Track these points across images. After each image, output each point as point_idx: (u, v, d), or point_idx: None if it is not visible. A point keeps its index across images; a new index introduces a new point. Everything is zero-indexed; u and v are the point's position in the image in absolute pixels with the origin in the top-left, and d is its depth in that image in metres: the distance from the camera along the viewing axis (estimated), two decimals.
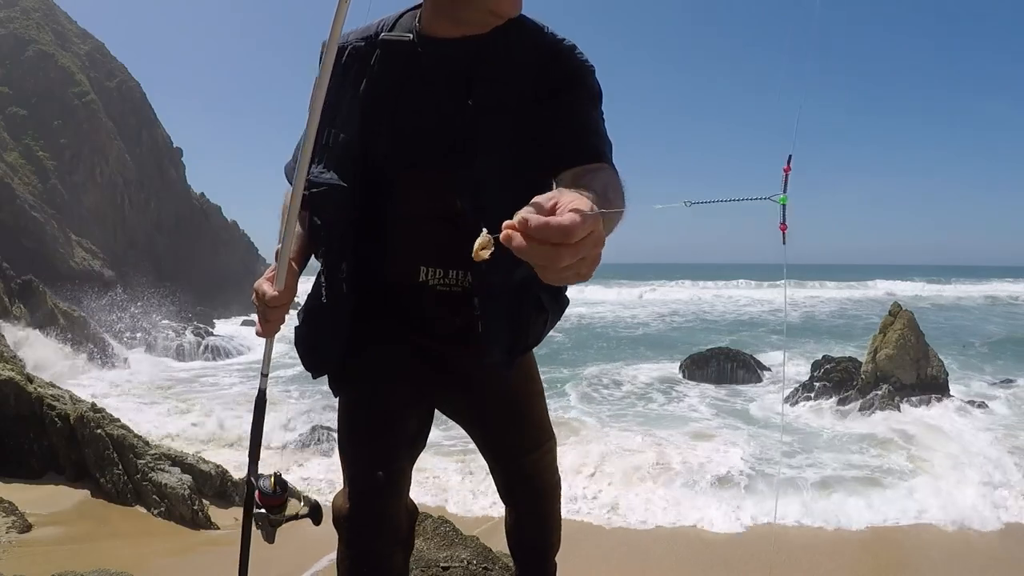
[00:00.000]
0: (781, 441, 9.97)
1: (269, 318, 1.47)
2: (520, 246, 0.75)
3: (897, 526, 7.71)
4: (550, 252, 0.75)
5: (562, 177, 1.35)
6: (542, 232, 0.74)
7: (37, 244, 22.69)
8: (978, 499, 8.10)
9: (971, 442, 10.39)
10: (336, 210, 1.45)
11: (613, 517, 7.87)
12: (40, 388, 7.18)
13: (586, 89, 1.42)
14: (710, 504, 8.14)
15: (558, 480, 1.89)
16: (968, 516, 7.74)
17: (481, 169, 1.38)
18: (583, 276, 0.81)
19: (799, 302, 40.82)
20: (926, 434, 10.92)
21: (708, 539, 7.45)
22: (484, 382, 1.62)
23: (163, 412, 12.78)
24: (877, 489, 8.66)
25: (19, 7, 29.93)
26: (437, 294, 1.49)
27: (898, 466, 9.66)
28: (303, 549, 4.20)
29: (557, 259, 0.75)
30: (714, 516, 7.84)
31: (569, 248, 0.75)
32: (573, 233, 0.74)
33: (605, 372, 17.25)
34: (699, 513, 7.93)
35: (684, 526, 7.71)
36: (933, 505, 8.05)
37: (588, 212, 0.76)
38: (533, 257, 0.75)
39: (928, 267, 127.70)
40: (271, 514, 1.53)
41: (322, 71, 1.35)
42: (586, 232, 0.76)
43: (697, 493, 8.53)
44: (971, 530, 7.55)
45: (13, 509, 5.51)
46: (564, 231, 0.74)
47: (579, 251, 0.76)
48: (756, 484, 8.73)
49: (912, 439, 10.74)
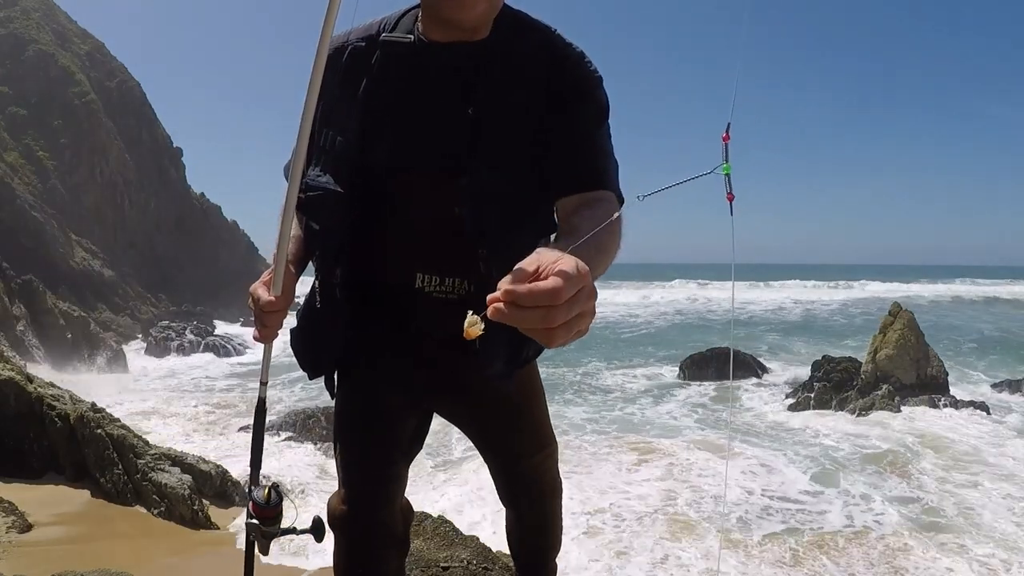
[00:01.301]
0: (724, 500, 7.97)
1: (266, 323, 1.42)
2: (513, 316, 0.74)
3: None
4: (544, 315, 0.74)
5: (561, 206, 1.33)
6: (529, 300, 0.73)
7: (37, 244, 22.68)
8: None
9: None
10: (331, 215, 1.42)
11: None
12: (40, 388, 7.18)
13: (593, 104, 1.38)
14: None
15: (559, 483, 1.87)
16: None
17: (482, 176, 1.35)
18: (582, 331, 0.80)
19: (800, 300, 40.90)
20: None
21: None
22: (483, 386, 1.59)
23: (163, 412, 12.78)
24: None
25: (19, 7, 29.94)
26: (433, 301, 1.47)
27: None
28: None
29: (551, 320, 0.74)
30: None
31: (561, 308, 0.74)
32: (560, 295, 0.73)
33: (605, 371, 17.28)
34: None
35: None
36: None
37: (572, 272, 0.75)
38: (527, 323, 0.74)
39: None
40: (263, 525, 1.49)
41: (313, 73, 1.31)
42: (575, 289, 0.75)
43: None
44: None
45: (13, 509, 5.51)
46: (551, 294, 0.73)
47: (572, 308, 0.75)
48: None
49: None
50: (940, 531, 7.46)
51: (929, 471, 9.35)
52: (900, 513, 7.87)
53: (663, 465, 9.37)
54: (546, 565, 1.97)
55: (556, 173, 1.34)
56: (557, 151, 1.35)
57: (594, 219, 1.16)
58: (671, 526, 7.31)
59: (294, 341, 1.57)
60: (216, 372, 18.22)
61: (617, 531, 7.16)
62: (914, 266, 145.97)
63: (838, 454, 10.17)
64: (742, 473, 9.08)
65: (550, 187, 1.34)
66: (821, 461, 9.79)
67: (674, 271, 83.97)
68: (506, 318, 0.74)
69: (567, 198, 1.31)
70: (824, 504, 8.12)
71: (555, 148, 1.35)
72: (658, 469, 9.25)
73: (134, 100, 32.91)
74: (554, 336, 0.76)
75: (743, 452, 10.02)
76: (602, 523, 7.36)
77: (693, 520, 7.45)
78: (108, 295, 24.57)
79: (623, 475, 9.04)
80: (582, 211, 1.25)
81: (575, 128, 1.36)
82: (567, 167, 1.34)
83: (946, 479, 9.02)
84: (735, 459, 9.60)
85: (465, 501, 7.88)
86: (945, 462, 9.71)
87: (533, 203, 1.37)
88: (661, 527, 7.28)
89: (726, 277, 57.61)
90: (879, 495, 8.42)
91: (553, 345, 0.78)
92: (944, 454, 10.06)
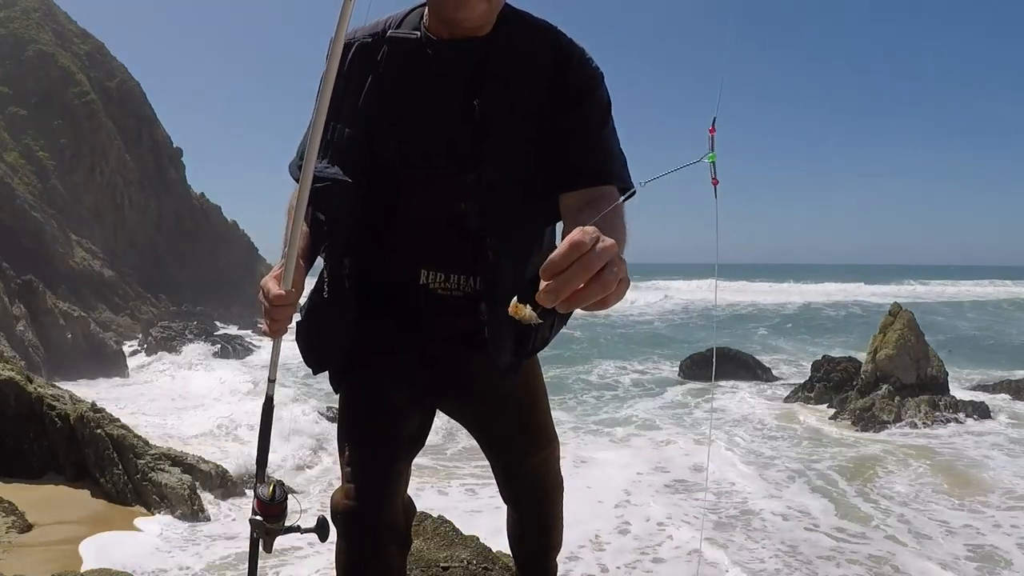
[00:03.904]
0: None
1: (276, 317, 1.43)
2: (558, 285, 0.77)
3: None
4: (581, 266, 0.78)
5: (564, 201, 1.34)
6: (562, 258, 0.77)
7: (37, 244, 22.66)
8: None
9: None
10: (339, 205, 1.44)
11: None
12: (40, 388, 7.19)
13: (596, 102, 1.41)
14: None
15: (561, 481, 1.88)
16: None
17: (488, 172, 1.37)
18: (623, 279, 0.83)
19: (800, 301, 40.90)
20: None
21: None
22: (487, 384, 1.61)
23: (163, 412, 12.77)
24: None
25: (19, 7, 29.93)
26: (438, 298, 1.49)
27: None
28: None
29: (590, 266, 0.78)
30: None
31: (591, 255, 0.78)
32: (582, 242, 0.78)
33: (605, 370, 17.29)
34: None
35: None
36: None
37: (580, 231, 0.79)
38: (573, 282, 0.78)
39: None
40: (267, 523, 1.50)
41: (328, 67, 1.34)
42: (590, 238, 0.79)
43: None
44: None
45: (13, 509, 5.52)
46: (575, 245, 0.78)
47: (601, 256, 0.79)
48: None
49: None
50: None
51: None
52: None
53: (653, 459, 9.48)
54: (547, 565, 1.98)
55: (560, 169, 1.36)
56: (561, 148, 1.37)
57: (603, 219, 1.18)
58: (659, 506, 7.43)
59: (300, 334, 1.57)
60: (216, 371, 18.21)
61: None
62: (913, 266, 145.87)
63: (836, 453, 10.16)
64: (742, 472, 9.13)
65: (554, 183, 1.36)
66: (816, 463, 9.78)
67: (680, 270, 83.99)
68: (555, 290, 0.77)
69: (571, 193, 1.33)
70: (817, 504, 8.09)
71: (559, 145, 1.37)
72: (647, 463, 9.33)
73: (134, 100, 32.90)
74: (604, 282, 0.79)
75: (739, 449, 10.04)
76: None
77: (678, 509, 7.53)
78: (108, 295, 24.56)
79: (613, 470, 9.07)
80: (587, 209, 1.26)
81: (579, 125, 1.38)
82: (571, 163, 1.36)
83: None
84: (733, 456, 9.63)
85: (465, 501, 7.89)
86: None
87: (537, 197, 1.39)
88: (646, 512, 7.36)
89: (729, 277, 57.60)
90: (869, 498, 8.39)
91: (609, 289, 0.80)
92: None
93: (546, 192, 1.37)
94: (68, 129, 27.64)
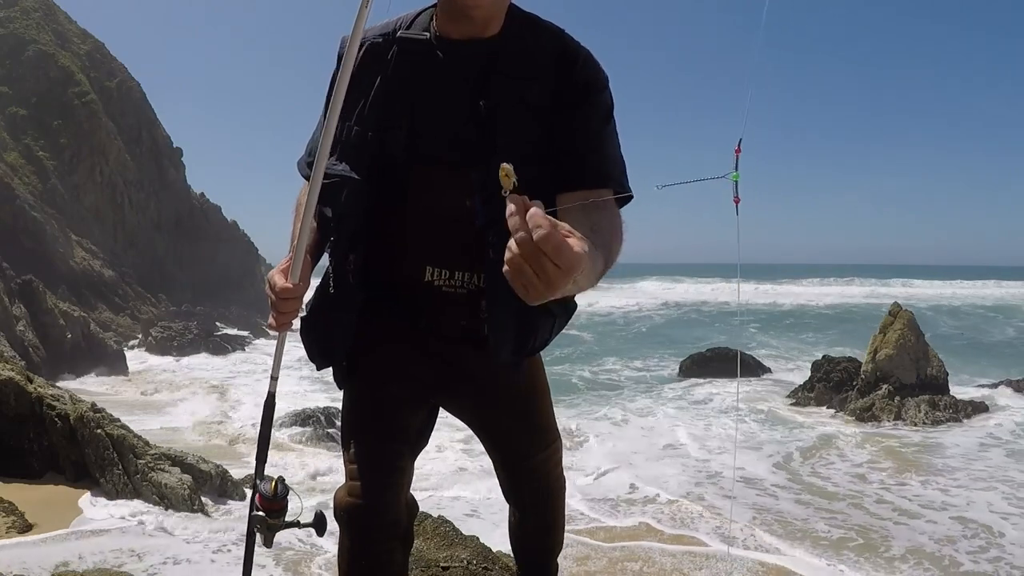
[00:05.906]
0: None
1: (282, 310, 1.44)
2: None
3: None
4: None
5: (562, 203, 1.33)
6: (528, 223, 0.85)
7: (37, 244, 22.66)
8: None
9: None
10: (347, 202, 1.45)
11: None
12: (40, 388, 7.19)
13: (600, 104, 1.43)
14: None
15: (563, 481, 1.88)
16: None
17: (494, 168, 1.37)
18: (551, 278, 0.87)
19: (800, 301, 40.89)
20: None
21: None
22: (490, 382, 1.61)
23: (163, 412, 12.78)
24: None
25: (19, 7, 29.92)
26: (442, 295, 1.50)
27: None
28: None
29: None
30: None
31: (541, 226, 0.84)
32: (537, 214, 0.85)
33: (604, 368, 17.30)
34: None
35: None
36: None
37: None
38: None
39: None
40: (269, 518, 1.51)
41: (344, 66, 1.36)
42: (552, 237, 0.84)
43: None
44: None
45: (13, 509, 5.52)
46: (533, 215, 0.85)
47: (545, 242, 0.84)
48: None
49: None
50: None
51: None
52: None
53: (664, 455, 9.55)
54: (548, 565, 1.97)
55: (561, 169, 1.38)
56: (563, 148, 1.39)
57: (595, 225, 1.19)
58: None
59: (304, 330, 1.57)
60: (216, 372, 18.22)
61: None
62: (912, 266, 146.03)
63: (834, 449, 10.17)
64: (740, 472, 9.14)
65: (553, 181, 1.37)
66: (815, 462, 9.79)
67: (682, 270, 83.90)
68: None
69: (569, 194, 1.34)
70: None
71: (561, 145, 1.39)
72: (657, 460, 9.39)
73: (134, 100, 32.89)
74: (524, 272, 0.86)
75: (739, 447, 10.05)
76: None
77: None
78: (108, 295, 24.56)
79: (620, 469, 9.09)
80: (577, 212, 1.25)
81: (582, 126, 1.40)
82: (572, 164, 1.38)
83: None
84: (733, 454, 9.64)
85: (465, 501, 7.89)
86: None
87: (543, 195, 1.38)
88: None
89: (728, 277, 57.74)
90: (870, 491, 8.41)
91: (528, 281, 0.86)
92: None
93: (552, 188, 1.37)
94: (68, 129, 27.64)
